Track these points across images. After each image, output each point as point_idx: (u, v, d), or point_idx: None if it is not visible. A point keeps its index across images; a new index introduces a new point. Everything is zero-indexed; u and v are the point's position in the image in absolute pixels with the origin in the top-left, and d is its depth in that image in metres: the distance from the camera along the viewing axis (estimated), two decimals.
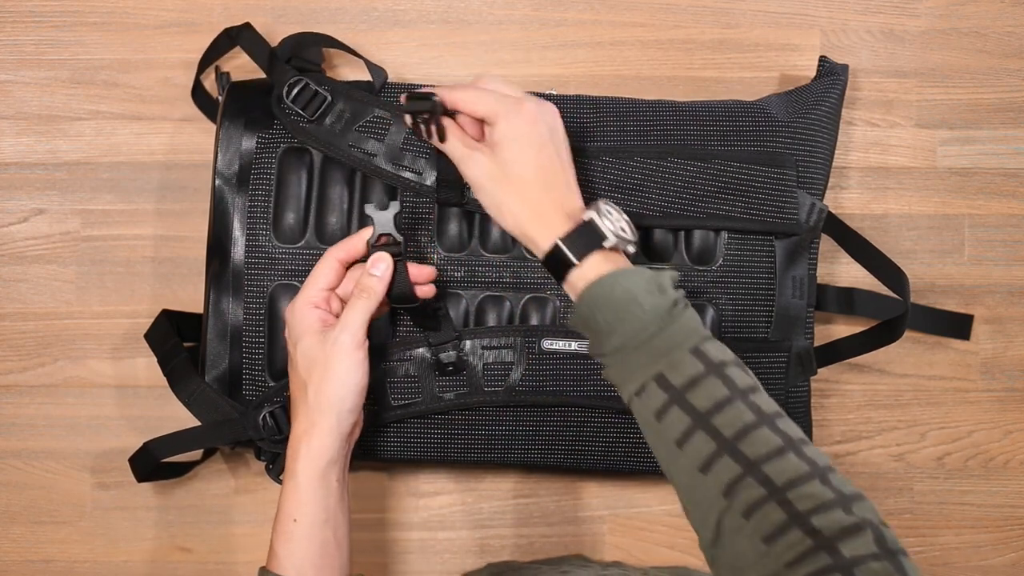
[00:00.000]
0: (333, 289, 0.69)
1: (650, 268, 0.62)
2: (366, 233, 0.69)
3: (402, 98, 0.67)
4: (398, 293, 0.69)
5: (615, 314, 0.60)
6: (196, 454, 0.81)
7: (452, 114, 0.68)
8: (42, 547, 0.84)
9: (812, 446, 0.56)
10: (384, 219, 0.68)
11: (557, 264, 0.63)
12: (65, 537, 0.84)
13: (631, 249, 0.64)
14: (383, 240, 0.68)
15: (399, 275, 0.68)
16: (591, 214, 0.63)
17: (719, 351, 0.59)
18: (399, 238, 0.68)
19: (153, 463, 0.76)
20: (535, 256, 0.65)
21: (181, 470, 0.81)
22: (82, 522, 0.84)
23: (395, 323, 0.75)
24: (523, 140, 0.65)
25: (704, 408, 0.57)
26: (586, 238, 0.63)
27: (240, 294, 0.75)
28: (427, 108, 0.65)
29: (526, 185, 0.65)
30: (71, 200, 0.84)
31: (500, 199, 0.65)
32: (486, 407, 0.75)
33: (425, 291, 0.70)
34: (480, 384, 0.74)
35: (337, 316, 0.69)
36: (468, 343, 0.74)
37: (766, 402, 0.58)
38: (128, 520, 0.84)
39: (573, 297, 0.63)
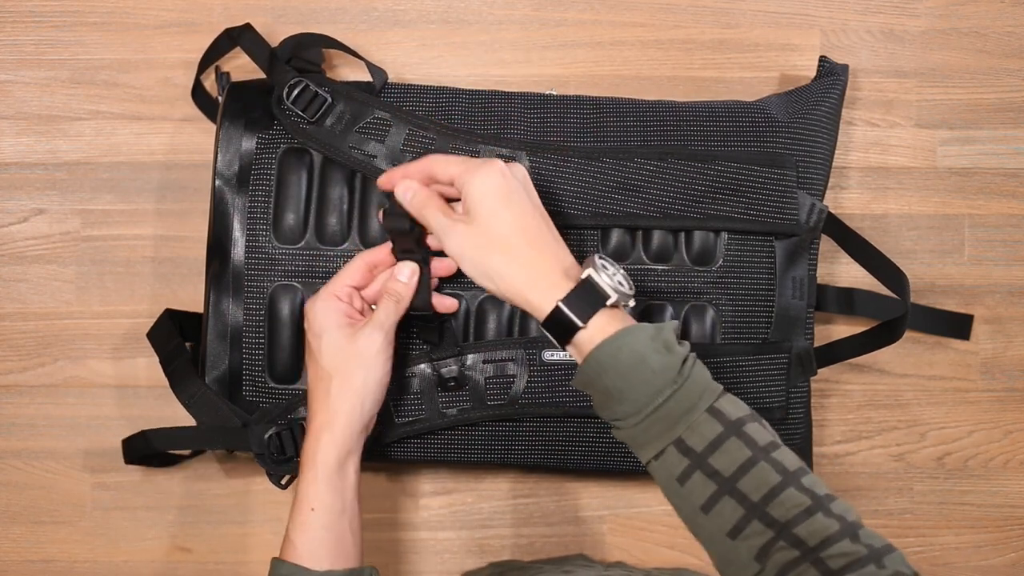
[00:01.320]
0: (359, 289, 0.70)
1: (652, 325, 0.60)
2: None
3: (380, 215, 0.70)
4: (419, 302, 0.70)
5: (624, 380, 0.58)
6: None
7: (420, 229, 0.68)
8: (42, 547, 0.84)
9: (839, 500, 0.56)
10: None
11: (559, 328, 0.61)
12: (65, 537, 0.84)
13: (632, 303, 0.63)
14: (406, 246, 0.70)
15: (422, 284, 0.70)
16: (588, 271, 0.61)
17: (734, 407, 0.59)
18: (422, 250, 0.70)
19: (147, 451, 0.76)
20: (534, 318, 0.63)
21: (169, 460, 0.81)
22: (82, 522, 0.84)
23: (396, 339, 0.75)
24: (497, 196, 0.63)
25: (728, 472, 0.56)
26: (588, 298, 0.60)
27: (240, 295, 0.75)
28: (405, 227, 0.67)
29: (511, 245, 0.62)
30: (71, 200, 0.84)
31: (488, 265, 0.63)
32: (489, 420, 0.75)
33: (447, 304, 0.72)
34: (483, 398, 0.74)
35: (361, 313, 0.70)
36: (470, 357, 0.74)
37: (789, 459, 0.57)
38: (128, 520, 0.84)
39: (578, 359, 0.62)
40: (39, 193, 0.84)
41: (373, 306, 0.71)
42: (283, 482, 0.75)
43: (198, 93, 0.83)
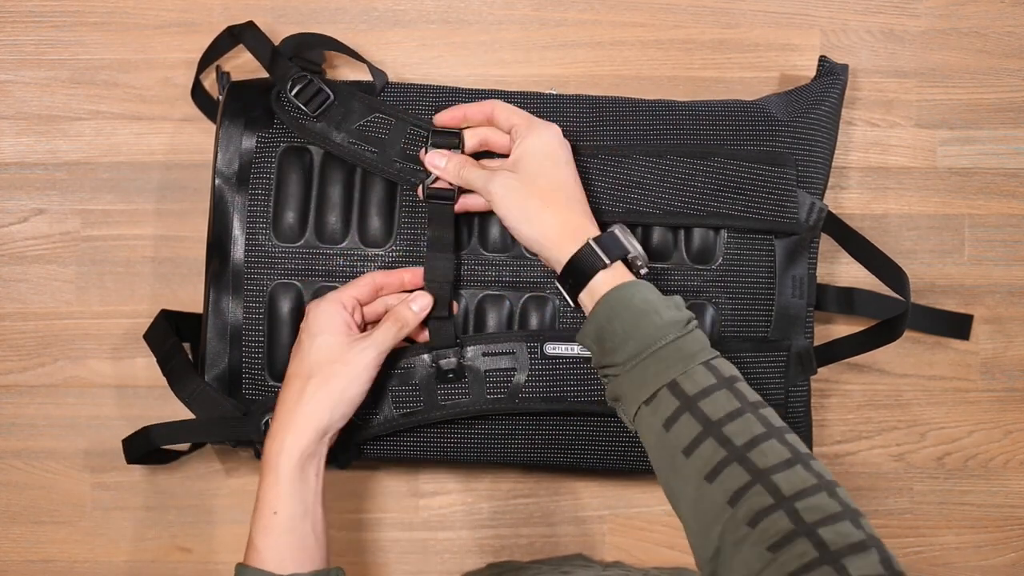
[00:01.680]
0: (363, 304, 0.71)
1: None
2: (416, 278, 0.72)
3: (419, 192, 0.72)
4: (438, 340, 0.73)
5: (633, 321, 0.62)
6: (186, 444, 0.80)
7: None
8: (42, 547, 0.84)
9: (818, 462, 0.57)
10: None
11: (582, 268, 0.65)
12: (65, 537, 0.84)
13: (643, 271, 0.68)
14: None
15: (445, 320, 0.72)
16: (614, 227, 0.67)
17: (729, 368, 0.61)
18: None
19: (149, 448, 0.76)
20: (552, 267, 0.68)
21: (169, 457, 0.81)
22: (82, 522, 0.84)
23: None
24: (551, 154, 0.69)
25: (716, 417, 0.58)
26: (614, 245, 0.66)
27: (240, 293, 0.75)
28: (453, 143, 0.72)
29: (552, 196, 0.68)
30: (71, 200, 0.84)
31: (527, 207, 0.67)
32: (488, 413, 0.75)
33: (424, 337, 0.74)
34: (482, 392, 0.74)
35: (360, 328, 0.70)
36: (469, 350, 0.74)
37: (774, 417, 0.59)
38: (128, 520, 0.84)
39: (589, 305, 0.65)
40: (39, 193, 0.84)
41: (369, 326, 0.72)
42: None
43: (198, 93, 0.83)
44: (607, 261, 0.65)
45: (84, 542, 0.84)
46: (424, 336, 0.74)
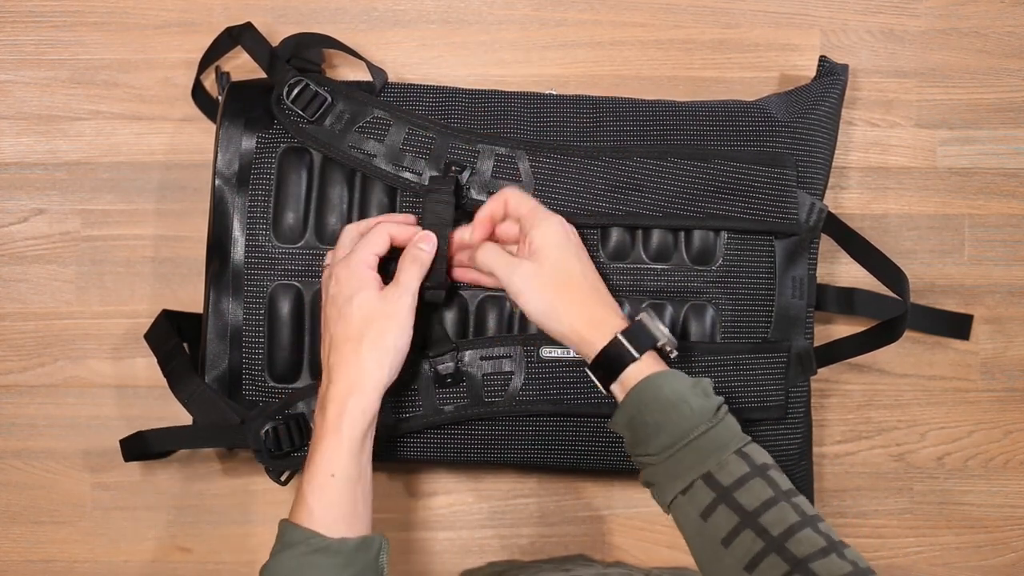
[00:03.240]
0: (382, 257, 0.71)
1: (688, 376, 0.65)
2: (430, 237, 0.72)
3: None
4: (434, 278, 0.71)
5: (664, 413, 0.63)
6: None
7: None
8: (42, 547, 0.84)
9: (852, 549, 0.59)
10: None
11: (612, 362, 0.66)
12: (65, 537, 0.84)
13: (674, 354, 0.68)
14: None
15: (439, 258, 0.71)
16: (642, 315, 0.67)
17: (760, 454, 0.63)
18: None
19: (144, 451, 0.76)
20: (584, 360, 0.68)
21: (167, 452, 0.80)
22: (82, 522, 0.84)
23: None
24: (563, 246, 0.68)
25: (752, 507, 0.59)
26: (642, 336, 0.66)
27: (240, 294, 0.75)
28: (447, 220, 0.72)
29: (576, 288, 0.68)
30: (71, 200, 0.84)
31: (552, 302, 0.68)
32: (487, 416, 0.75)
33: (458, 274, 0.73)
34: (480, 395, 0.74)
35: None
36: (467, 354, 0.74)
37: (807, 505, 0.60)
38: (128, 520, 0.84)
39: (620, 395, 0.66)
40: (39, 193, 0.84)
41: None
42: (283, 479, 0.75)
43: (198, 93, 0.83)
44: (636, 355, 0.65)
45: (84, 542, 0.84)
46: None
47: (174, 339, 0.77)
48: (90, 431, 0.84)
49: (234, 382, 0.75)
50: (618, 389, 0.66)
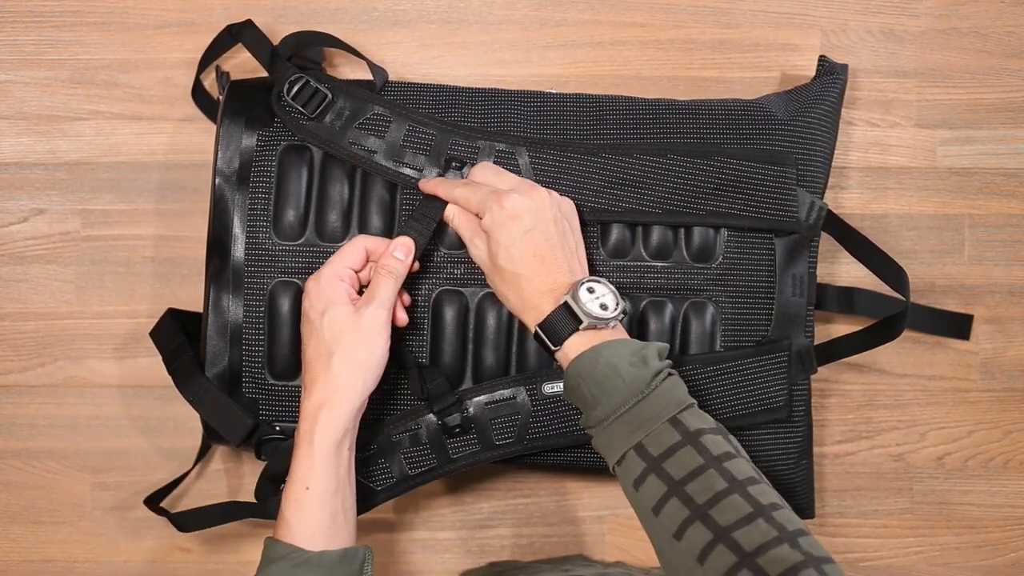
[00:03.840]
0: (357, 272, 0.71)
1: (640, 342, 0.66)
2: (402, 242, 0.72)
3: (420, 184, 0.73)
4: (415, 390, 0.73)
5: (599, 387, 0.64)
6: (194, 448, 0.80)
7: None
8: (42, 547, 0.84)
9: (784, 510, 0.58)
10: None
11: (544, 343, 0.67)
12: (65, 537, 0.84)
13: (612, 324, 0.67)
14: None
15: (411, 375, 0.74)
16: (566, 297, 0.66)
17: (698, 419, 0.62)
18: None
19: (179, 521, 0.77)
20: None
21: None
22: (82, 522, 0.84)
23: (397, 395, 0.76)
24: (504, 234, 0.68)
25: (678, 476, 0.60)
26: (563, 322, 0.66)
27: (240, 291, 0.75)
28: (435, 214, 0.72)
29: (512, 275, 0.68)
30: (71, 200, 0.84)
31: (495, 284, 0.70)
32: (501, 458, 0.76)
33: (400, 319, 0.72)
34: (491, 440, 0.75)
35: (359, 293, 0.71)
36: (471, 403, 0.74)
37: (740, 469, 0.60)
38: (128, 520, 0.84)
39: (564, 366, 0.67)
40: (39, 193, 0.84)
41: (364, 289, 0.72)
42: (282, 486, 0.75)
43: (198, 93, 0.83)
44: (553, 347, 0.66)
45: (84, 542, 0.84)
46: (406, 299, 0.74)
47: (179, 337, 0.77)
48: (90, 431, 0.84)
49: (234, 380, 0.75)
50: (560, 360, 0.67)
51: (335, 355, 0.67)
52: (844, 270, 0.86)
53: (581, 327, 0.66)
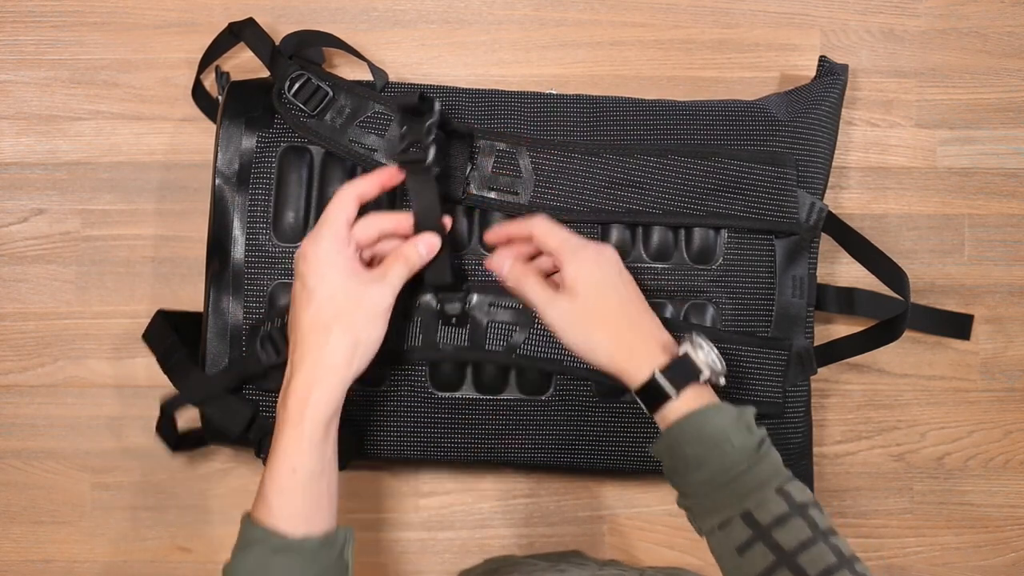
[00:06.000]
0: (362, 246, 0.68)
1: (733, 406, 0.64)
2: (395, 176, 0.69)
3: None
4: (433, 278, 0.70)
5: (705, 449, 0.62)
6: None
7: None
8: (42, 547, 0.84)
9: None
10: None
11: (651, 395, 0.65)
12: (65, 537, 0.84)
13: (722, 381, 0.66)
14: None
15: (440, 259, 0.70)
16: (686, 347, 0.65)
17: (800, 492, 0.62)
18: (434, 169, 0.70)
19: (172, 422, 0.76)
20: (628, 390, 0.67)
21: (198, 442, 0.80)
22: (82, 522, 0.84)
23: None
24: (599, 281, 0.67)
25: (789, 547, 0.59)
26: (682, 371, 0.65)
27: (240, 293, 0.75)
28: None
29: (614, 322, 0.66)
30: (71, 200, 0.84)
31: (590, 338, 0.66)
32: (484, 403, 0.75)
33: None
34: (481, 341, 0.74)
35: (368, 264, 0.69)
36: (475, 296, 0.74)
37: (845, 546, 0.60)
38: (128, 520, 0.84)
39: (661, 427, 0.65)
40: (39, 193, 0.84)
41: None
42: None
43: (198, 93, 0.83)
44: (673, 394, 0.64)
45: (84, 542, 0.84)
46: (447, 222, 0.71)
47: (171, 336, 0.77)
48: (90, 431, 0.84)
49: (234, 386, 0.75)
50: (660, 420, 0.65)
51: (333, 331, 0.64)
52: (844, 270, 0.86)
53: (701, 378, 0.64)
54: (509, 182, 0.75)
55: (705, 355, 0.65)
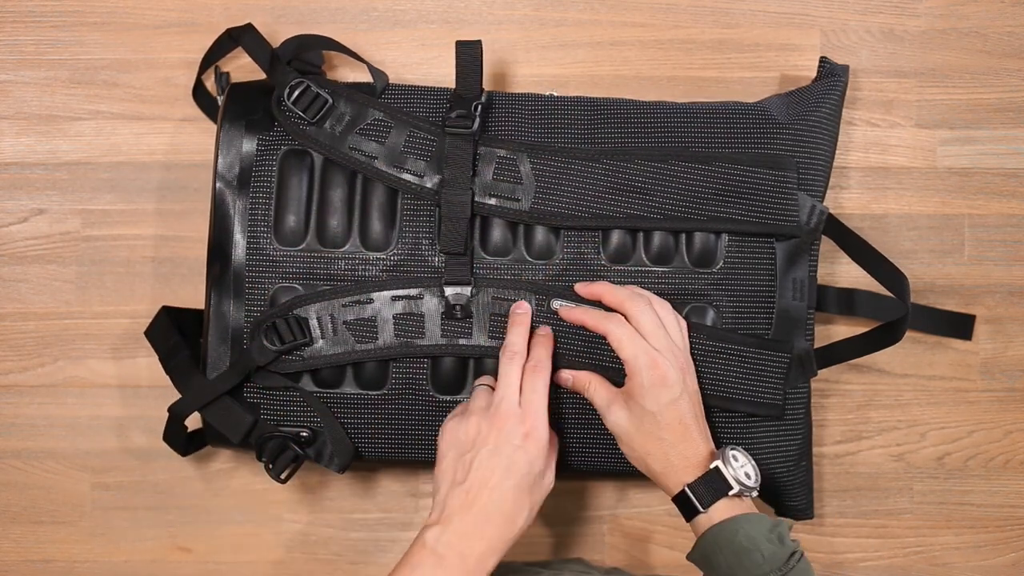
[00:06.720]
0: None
1: (772, 519, 0.67)
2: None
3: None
4: (449, 245, 0.73)
5: (736, 558, 0.65)
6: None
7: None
8: (42, 547, 0.84)
9: None
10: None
11: (684, 507, 0.68)
12: (65, 537, 0.84)
13: (754, 494, 0.69)
14: None
15: (458, 225, 0.73)
16: (717, 462, 0.68)
17: None
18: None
19: (182, 426, 0.76)
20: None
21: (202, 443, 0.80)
22: (82, 522, 0.84)
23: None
24: (653, 401, 0.68)
25: None
26: (713, 486, 0.68)
27: (241, 297, 0.74)
28: None
29: (658, 440, 0.69)
30: (71, 200, 0.84)
31: (636, 448, 0.70)
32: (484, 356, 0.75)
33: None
34: (483, 333, 0.74)
35: None
36: (481, 288, 0.74)
37: None
38: (128, 520, 0.84)
39: (696, 533, 0.68)
40: (39, 193, 0.84)
41: None
42: (282, 476, 0.75)
43: (199, 93, 0.83)
44: (702, 509, 0.67)
45: (84, 542, 0.84)
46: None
47: (175, 336, 0.77)
48: (90, 431, 0.84)
49: (235, 385, 0.75)
50: (694, 529, 0.68)
51: (535, 503, 0.68)
52: (844, 271, 0.86)
53: (731, 493, 0.67)
54: (510, 188, 0.75)
55: (736, 470, 0.68)
